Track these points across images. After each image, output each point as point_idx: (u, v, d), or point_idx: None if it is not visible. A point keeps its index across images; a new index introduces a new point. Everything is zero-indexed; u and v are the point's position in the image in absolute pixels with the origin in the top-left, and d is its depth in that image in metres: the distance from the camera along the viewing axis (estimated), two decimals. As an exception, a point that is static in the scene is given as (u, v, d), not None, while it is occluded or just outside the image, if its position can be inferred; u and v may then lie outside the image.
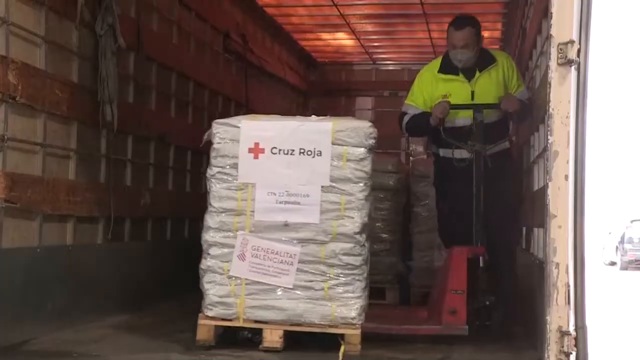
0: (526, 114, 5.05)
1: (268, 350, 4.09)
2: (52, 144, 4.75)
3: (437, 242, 7.08)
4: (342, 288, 4.11)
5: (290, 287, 4.13)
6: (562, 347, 3.17)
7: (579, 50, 3.22)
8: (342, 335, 4.06)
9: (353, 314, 4.09)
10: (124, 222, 5.68)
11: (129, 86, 5.82)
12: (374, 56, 11.34)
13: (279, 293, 4.14)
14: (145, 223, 6.05)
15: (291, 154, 4.16)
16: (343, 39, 10.44)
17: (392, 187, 6.96)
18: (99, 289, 5.12)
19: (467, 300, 4.48)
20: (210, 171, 4.24)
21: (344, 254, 4.10)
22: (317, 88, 11.76)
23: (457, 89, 5.18)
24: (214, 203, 4.23)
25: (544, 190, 3.31)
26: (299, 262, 4.13)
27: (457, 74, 5.22)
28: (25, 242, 4.45)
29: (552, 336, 3.19)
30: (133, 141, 5.81)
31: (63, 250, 4.86)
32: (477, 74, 5.19)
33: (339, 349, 4.00)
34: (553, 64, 3.23)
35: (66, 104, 4.85)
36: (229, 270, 4.17)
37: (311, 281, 4.13)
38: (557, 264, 3.21)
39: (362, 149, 4.15)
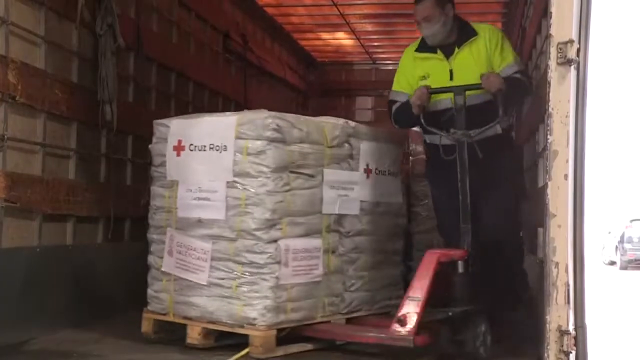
0: (515, 93, 4.41)
1: (194, 348, 4.12)
2: (51, 144, 4.76)
3: (436, 242, 7.10)
4: (247, 287, 4.00)
5: (205, 283, 4.13)
6: (562, 346, 3.18)
7: (578, 50, 3.22)
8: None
9: (254, 314, 3.95)
10: (124, 222, 5.68)
11: (129, 86, 5.83)
12: (374, 56, 11.35)
13: (198, 290, 4.18)
14: (145, 223, 6.04)
15: (204, 150, 4.16)
16: (343, 39, 10.45)
17: (391, 187, 6.96)
18: (99, 288, 5.12)
19: (424, 309, 3.89)
20: (150, 170, 4.44)
21: (247, 252, 4.00)
22: (317, 88, 11.78)
23: (435, 69, 4.54)
24: (152, 201, 4.44)
25: (543, 189, 3.31)
26: (212, 259, 4.11)
27: (435, 52, 4.57)
28: (25, 242, 4.46)
29: (551, 335, 3.20)
30: (133, 141, 5.82)
31: (63, 250, 4.86)
32: (456, 50, 4.51)
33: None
34: (552, 63, 3.23)
35: (66, 104, 4.85)
36: (161, 266, 4.32)
37: (222, 279, 4.08)
38: (557, 263, 3.21)
39: (260, 142, 4.00)
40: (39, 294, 4.48)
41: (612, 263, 23.70)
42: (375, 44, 10.72)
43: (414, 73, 4.63)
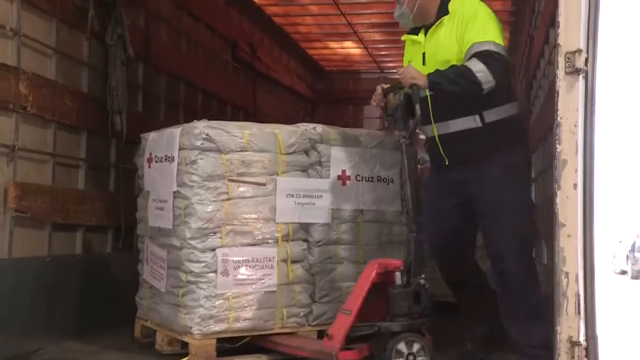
0: (451, 85, 3.72)
1: (160, 354, 4.25)
2: (62, 154, 4.78)
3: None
4: (189, 296, 4.04)
5: (163, 291, 4.26)
6: (573, 357, 3.16)
7: (586, 59, 3.22)
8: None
9: (191, 323, 3.97)
10: (134, 231, 5.69)
11: (138, 95, 5.86)
12: (382, 65, 11.37)
13: (160, 297, 4.31)
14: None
15: (161, 162, 4.30)
16: (351, 48, 10.47)
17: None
18: (109, 297, 5.13)
19: (353, 323, 3.70)
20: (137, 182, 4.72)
21: (187, 261, 4.03)
22: (325, 96, 11.80)
23: (415, 53, 4.07)
24: (137, 213, 4.69)
25: (552, 199, 3.31)
26: (168, 268, 4.20)
27: (417, 33, 4.08)
28: (35, 252, 4.48)
29: (562, 346, 3.18)
30: (142, 150, 5.83)
31: (73, 259, 4.88)
32: (430, 31, 3.98)
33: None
34: (561, 72, 3.23)
35: (76, 114, 4.88)
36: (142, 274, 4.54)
37: (174, 287, 4.16)
38: (567, 273, 3.20)
39: (194, 152, 4.03)
40: (48, 303, 4.50)
41: (623, 272, 23.57)
42: (383, 53, 10.73)
43: (405, 59, 4.25)
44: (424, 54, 3.98)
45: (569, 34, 3.24)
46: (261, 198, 4.18)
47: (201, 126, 4.06)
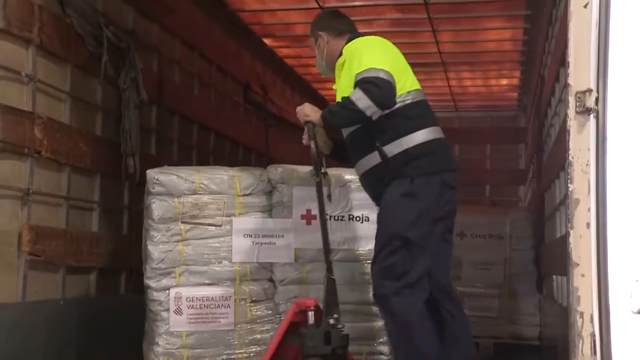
0: (336, 119, 3.74)
1: None
2: (75, 197, 4.81)
3: (458, 290, 7.05)
4: (150, 333, 4.26)
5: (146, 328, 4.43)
6: (589, 398, 3.11)
7: (597, 99, 3.22)
8: None
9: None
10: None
11: (152, 138, 5.91)
12: (393, 104, 11.42)
13: None
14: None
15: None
16: (362, 88, 10.53)
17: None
18: (123, 340, 5.11)
19: None
20: None
21: (148, 299, 4.22)
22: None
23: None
24: None
25: (565, 238, 3.29)
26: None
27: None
28: (49, 295, 4.48)
29: (578, 387, 3.14)
30: (155, 192, 5.86)
31: (86, 302, 4.88)
32: (336, 76, 4.03)
33: None
34: (571, 112, 3.23)
35: (90, 157, 4.93)
36: None
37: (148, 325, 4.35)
38: (582, 313, 3.17)
39: (149, 196, 4.25)
40: (62, 346, 4.49)
41: (640, 310, 23.33)
42: (394, 92, 10.79)
43: None
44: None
45: (579, 74, 3.25)
46: (217, 239, 4.26)
47: (152, 173, 4.25)
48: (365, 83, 3.55)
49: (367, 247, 4.42)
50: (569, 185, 3.23)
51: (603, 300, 3.20)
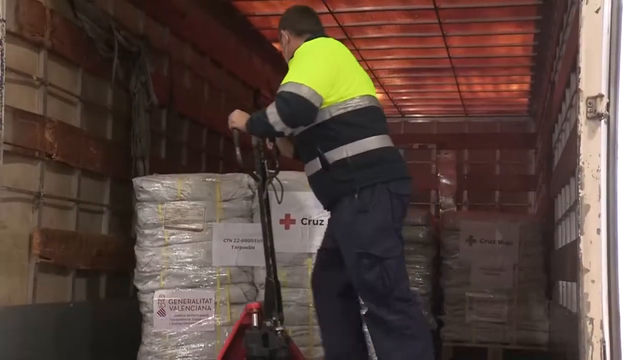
0: (256, 127, 3.60)
1: None
2: (85, 200, 4.83)
3: (468, 296, 7.04)
4: (142, 334, 4.47)
5: None
6: (599, 405, 3.10)
7: (608, 104, 3.21)
8: None
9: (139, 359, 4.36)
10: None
11: (162, 142, 5.93)
12: (403, 109, 11.43)
13: None
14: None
15: None
16: (372, 93, 10.53)
17: (421, 240, 6.95)
18: (132, 342, 5.12)
19: None
20: None
21: (139, 302, 4.47)
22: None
23: None
24: None
25: (575, 244, 3.27)
26: None
27: None
28: (59, 298, 4.50)
29: (588, 394, 3.12)
30: (165, 196, 5.88)
31: (96, 304, 4.89)
32: None
33: None
34: (582, 117, 3.22)
35: (100, 161, 4.95)
36: None
37: None
38: (592, 320, 3.15)
39: (136, 203, 4.47)
40: (72, 348, 4.50)
41: (651, 317, 23.16)
42: (404, 97, 10.80)
43: None
44: None
45: (590, 79, 3.24)
46: (198, 243, 4.41)
47: (137, 181, 4.47)
48: (279, 98, 3.45)
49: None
50: (580, 190, 3.22)
51: (613, 307, 3.18)
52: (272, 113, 3.45)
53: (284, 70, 3.68)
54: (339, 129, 3.50)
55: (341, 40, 8.48)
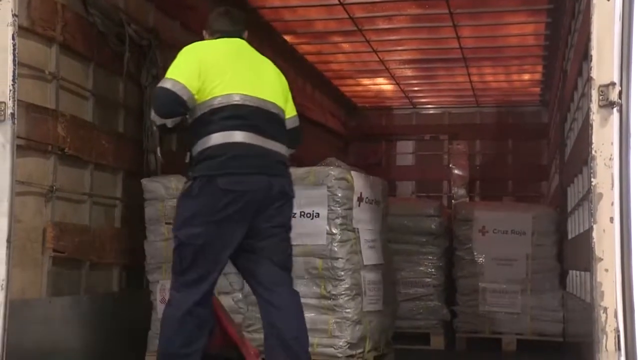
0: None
1: None
2: (98, 194, 4.85)
3: (481, 286, 7.03)
4: None
5: None
6: (614, 394, 3.09)
7: (620, 92, 3.19)
8: None
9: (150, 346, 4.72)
10: (169, 270, 5.74)
11: (173, 135, 5.93)
12: (414, 100, 11.40)
13: None
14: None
15: None
16: (383, 84, 10.53)
17: (434, 231, 6.93)
18: (146, 335, 5.15)
19: None
20: None
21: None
22: (358, 132, 11.84)
23: None
24: None
25: (588, 232, 3.26)
26: None
27: None
28: (73, 291, 4.53)
29: (602, 383, 3.11)
30: (177, 189, 5.90)
31: (109, 298, 4.92)
32: None
33: None
34: (594, 106, 3.21)
35: (112, 154, 4.97)
36: None
37: None
38: (605, 309, 3.14)
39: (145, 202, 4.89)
40: (86, 341, 4.53)
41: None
42: (415, 88, 10.77)
43: None
44: None
45: (602, 67, 3.22)
46: None
47: (144, 181, 4.87)
48: (153, 94, 3.78)
49: (317, 242, 4.67)
50: (592, 179, 3.21)
51: (627, 296, 3.17)
52: (152, 110, 3.74)
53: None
54: (200, 125, 3.69)
55: (351, 32, 8.49)
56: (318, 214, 4.72)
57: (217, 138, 3.65)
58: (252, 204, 3.65)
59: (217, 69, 3.75)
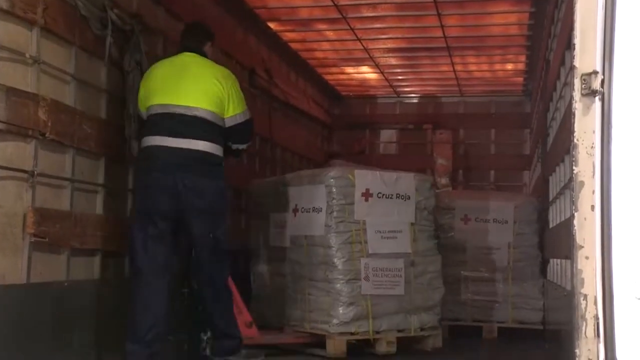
0: None
1: None
2: (80, 179, 4.82)
3: (463, 275, 7.07)
4: None
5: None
6: (592, 380, 3.12)
7: (602, 81, 3.21)
8: None
9: None
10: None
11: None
12: (398, 89, 11.40)
13: None
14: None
15: None
16: (367, 73, 10.52)
17: (417, 220, 6.96)
18: (126, 322, 5.14)
19: None
20: None
21: None
22: (342, 121, 11.84)
23: None
24: None
25: (570, 221, 3.29)
26: None
27: None
28: (54, 277, 4.50)
29: (581, 369, 3.14)
30: (160, 176, 5.87)
31: (90, 284, 4.90)
32: None
33: None
34: (577, 94, 3.23)
35: (94, 140, 4.93)
36: None
37: None
38: (585, 296, 3.18)
39: None
40: (67, 327, 4.51)
41: (644, 296, 23.36)
42: (400, 77, 10.77)
43: None
44: None
45: (585, 56, 3.24)
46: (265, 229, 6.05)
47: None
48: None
49: (317, 232, 5.62)
50: (574, 167, 3.23)
51: (607, 283, 3.20)
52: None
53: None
54: (143, 129, 4.94)
55: (336, 20, 8.49)
56: (321, 208, 5.57)
57: (147, 140, 4.88)
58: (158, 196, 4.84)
59: (153, 83, 4.97)
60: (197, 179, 4.70)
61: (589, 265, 3.18)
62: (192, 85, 4.86)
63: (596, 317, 3.16)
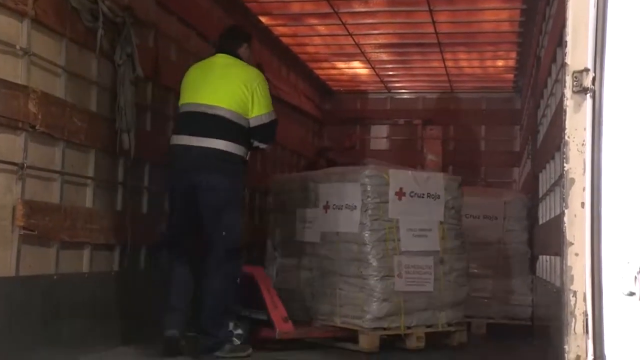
0: None
1: None
2: (70, 172, 4.80)
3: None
4: None
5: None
6: (581, 376, 3.14)
7: (594, 78, 3.22)
8: None
9: None
10: (140, 250, 5.70)
11: (147, 115, 5.88)
12: (389, 85, 11.41)
13: None
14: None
15: None
16: (358, 68, 10.52)
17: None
18: (116, 316, 5.13)
19: None
20: None
21: None
22: (333, 116, 11.83)
23: None
24: None
25: (560, 217, 3.30)
26: None
27: None
28: (43, 270, 4.48)
29: (570, 365, 3.16)
30: (150, 169, 5.86)
31: (80, 277, 4.88)
32: None
33: None
34: (568, 91, 3.24)
35: (85, 133, 4.91)
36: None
37: None
38: (575, 292, 3.19)
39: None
40: (56, 320, 4.50)
41: (632, 294, 23.42)
42: (390, 73, 10.77)
43: None
44: None
45: (577, 53, 3.25)
46: (292, 224, 6.23)
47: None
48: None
49: (351, 229, 5.71)
50: (565, 164, 3.24)
51: (596, 280, 3.22)
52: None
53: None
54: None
55: (327, 15, 8.48)
56: (355, 206, 5.70)
57: (173, 139, 5.21)
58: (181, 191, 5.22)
59: (186, 83, 5.27)
60: (214, 177, 4.87)
61: (578, 262, 3.19)
62: (216, 85, 5.06)
63: (585, 314, 3.18)
